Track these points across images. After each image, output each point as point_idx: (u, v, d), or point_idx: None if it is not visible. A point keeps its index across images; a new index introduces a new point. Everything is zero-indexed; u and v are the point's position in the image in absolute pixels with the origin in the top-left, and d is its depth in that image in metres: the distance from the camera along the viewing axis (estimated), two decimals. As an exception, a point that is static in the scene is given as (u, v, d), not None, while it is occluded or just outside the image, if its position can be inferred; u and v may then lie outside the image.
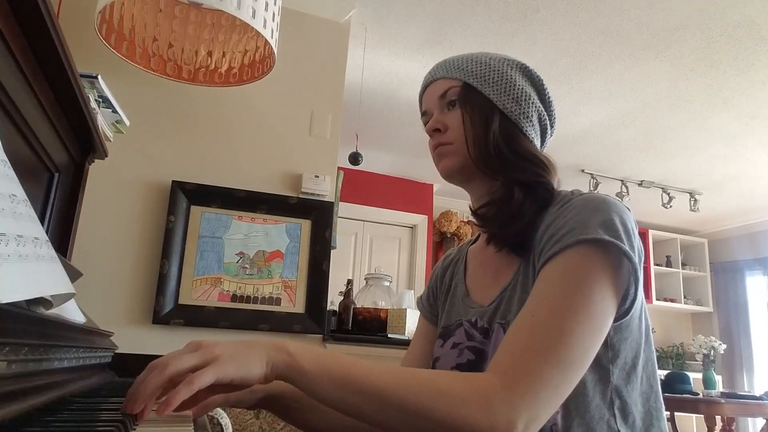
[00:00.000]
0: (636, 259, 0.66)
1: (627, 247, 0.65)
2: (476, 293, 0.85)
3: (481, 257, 0.89)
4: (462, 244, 1.00)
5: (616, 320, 0.68)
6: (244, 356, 0.56)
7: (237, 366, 0.55)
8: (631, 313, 0.70)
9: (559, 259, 0.66)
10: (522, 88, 0.83)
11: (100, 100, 1.56)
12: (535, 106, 0.84)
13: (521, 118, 0.82)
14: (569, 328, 0.61)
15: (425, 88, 0.91)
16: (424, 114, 0.91)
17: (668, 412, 3.54)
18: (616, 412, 0.69)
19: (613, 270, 0.66)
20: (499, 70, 0.83)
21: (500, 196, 0.79)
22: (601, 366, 0.69)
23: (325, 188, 2.23)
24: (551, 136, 0.89)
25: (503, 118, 0.81)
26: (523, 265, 0.76)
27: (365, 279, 2.73)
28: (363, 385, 0.58)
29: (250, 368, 0.56)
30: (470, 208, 0.86)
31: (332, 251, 2.21)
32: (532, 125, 0.84)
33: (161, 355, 0.59)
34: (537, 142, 0.85)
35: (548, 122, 0.87)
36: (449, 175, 0.85)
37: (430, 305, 0.98)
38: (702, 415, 3.21)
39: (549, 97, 0.88)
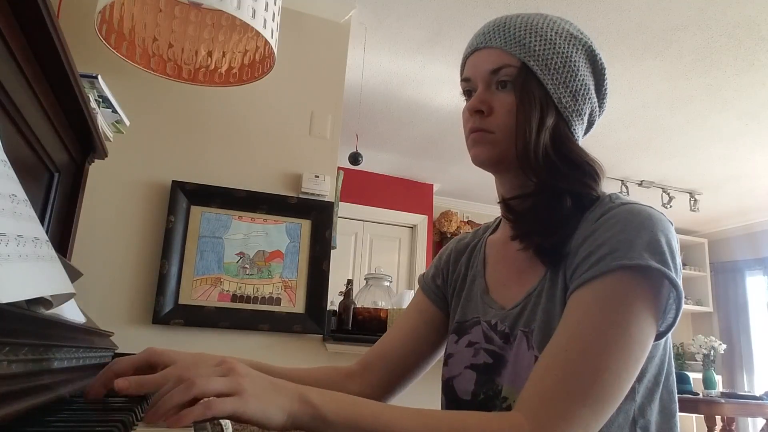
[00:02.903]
0: (680, 284, 0.62)
1: (673, 274, 0.61)
2: (497, 292, 0.80)
3: (503, 252, 0.81)
4: (477, 230, 0.93)
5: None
6: (269, 400, 0.54)
7: (259, 408, 0.53)
8: (666, 335, 0.67)
9: (597, 284, 0.61)
10: (582, 80, 0.74)
11: (100, 100, 1.56)
12: (590, 102, 0.76)
13: (573, 115, 0.74)
14: (605, 365, 0.58)
15: (474, 50, 0.77)
16: (466, 80, 0.78)
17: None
18: (638, 431, 0.66)
19: (654, 297, 0.62)
20: (563, 54, 0.73)
21: (545, 200, 0.71)
22: None
23: (325, 188, 2.23)
24: (596, 125, 0.82)
25: (557, 115, 0.72)
26: (550, 271, 0.70)
27: (365, 279, 2.73)
28: None
29: (270, 414, 0.53)
30: (501, 197, 0.79)
31: (332, 251, 2.21)
32: (581, 122, 0.76)
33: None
34: (580, 138, 0.77)
35: (597, 116, 0.80)
36: (481, 165, 0.76)
37: (436, 286, 0.91)
38: (702, 415, 3.21)
39: (606, 88, 0.79)
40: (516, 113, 0.71)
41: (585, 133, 0.81)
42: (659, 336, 0.66)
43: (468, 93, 0.78)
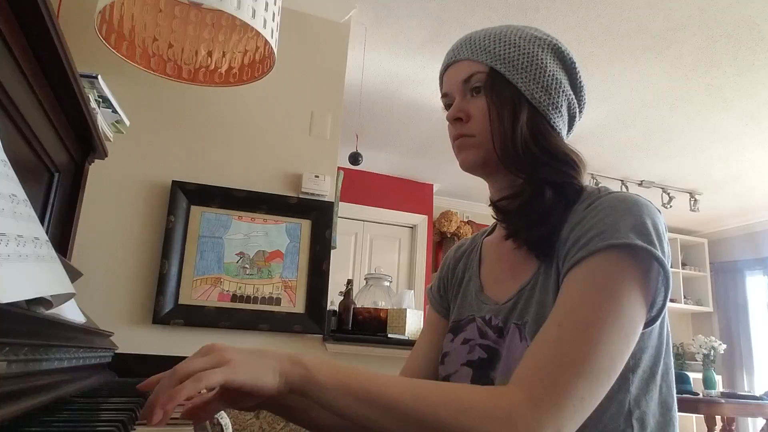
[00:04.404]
0: (668, 265, 0.64)
1: (659, 253, 0.62)
2: (491, 289, 0.82)
3: (498, 251, 0.84)
4: (475, 235, 0.96)
5: (642, 328, 0.65)
6: (257, 365, 0.54)
7: (248, 372, 0.53)
8: (658, 321, 0.68)
9: (587, 264, 0.63)
10: (553, 74, 0.77)
11: (100, 100, 1.56)
12: (566, 95, 0.78)
13: (550, 109, 0.76)
14: (597, 338, 0.58)
15: (447, 66, 0.83)
16: (444, 95, 0.83)
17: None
18: (634, 423, 0.67)
19: (644, 276, 0.63)
20: (529, 54, 0.76)
21: (528, 194, 0.74)
22: (621, 375, 0.65)
23: (325, 188, 2.23)
24: (579, 120, 0.84)
25: (531, 110, 0.75)
26: (544, 265, 0.72)
27: (365, 279, 2.73)
28: (382, 400, 0.56)
29: (262, 377, 0.53)
30: (490, 200, 0.82)
31: (332, 251, 2.21)
32: (561, 115, 0.78)
33: (161, 355, 0.59)
34: (564, 132, 0.80)
35: (577, 110, 0.82)
36: (469, 169, 0.80)
37: (440, 296, 0.94)
38: (702, 415, 3.21)
39: (581, 82, 0.81)
40: (489, 113, 0.76)
41: (570, 128, 0.83)
42: (651, 321, 0.67)
43: (449, 107, 0.82)
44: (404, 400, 0.56)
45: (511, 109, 0.75)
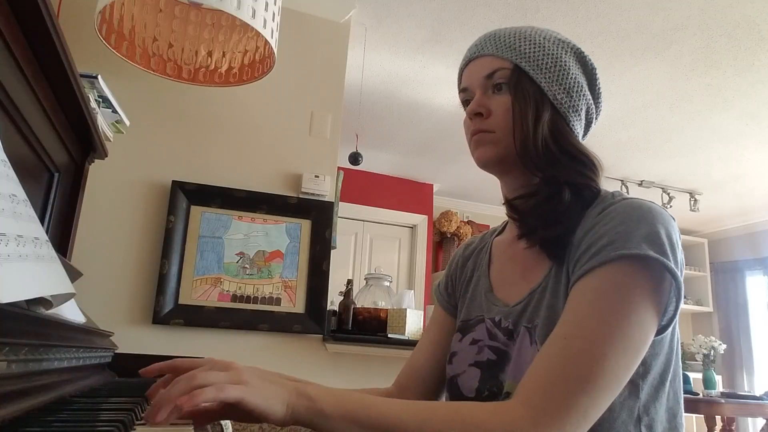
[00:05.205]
0: (680, 276, 0.63)
1: (672, 264, 0.61)
2: (501, 290, 0.81)
3: (509, 252, 0.84)
4: (484, 233, 0.96)
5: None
6: (269, 392, 0.55)
7: (262, 398, 0.54)
8: (668, 329, 0.67)
9: (597, 274, 0.62)
10: (575, 78, 0.78)
11: (100, 100, 1.56)
12: (585, 99, 0.79)
13: (570, 111, 0.77)
14: (604, 354, 0.58)
15: (469, 61, 0.82)
16: (463, 90, 0.82)
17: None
18: (643, 429, 0.66)
19: (655, 288, 0.62)
20: (553, 54, 0.77)
21: (545, 194, 0.73)
22: (631, 382, 0.65)
23: (325, 188, 2.23)
24: (594, 127, 0.84)
25: (553, 111, 0.75)
26: (555, 268, 0.72)
27: (365, 279, 2.73)
28: (387, 428, 0.57)
29: (272, 405, 0.55)
30: (504, 198, 0.81)
31: (332, 251, 2.21)
32: (579, 119, 0.79)
33: (161, 355, 0.59)
34: (580, 136, 0.80)
35: (594, 115, 0.82)
36: (485, 165, 0.79)
37: (447, 294, 0.94)
38: (702, 415, 3.21)
39: (599, 89, 0.82)
40: (512, 110, 0.75)
41: (585, 133, 0.83)
42: (660, 330, 0.66)
43: (466, 103, 0.81)
44: (409, 426, 0.57)
45: (534, 108, 0.74)
